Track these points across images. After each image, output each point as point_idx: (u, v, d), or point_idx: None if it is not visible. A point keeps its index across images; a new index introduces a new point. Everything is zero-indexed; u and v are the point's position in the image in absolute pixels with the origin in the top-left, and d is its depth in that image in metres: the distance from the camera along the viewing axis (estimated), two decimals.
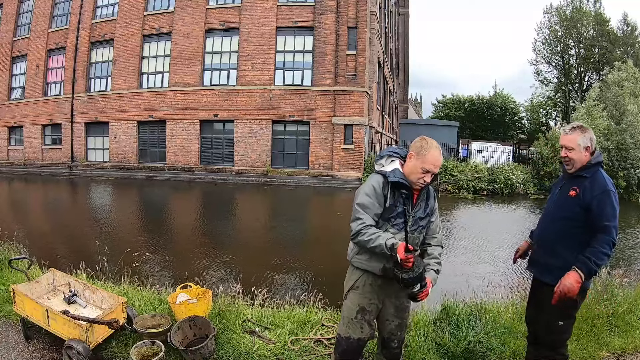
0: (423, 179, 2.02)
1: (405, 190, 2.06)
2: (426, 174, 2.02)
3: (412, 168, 2.05)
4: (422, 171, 2.01)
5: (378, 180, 2.08)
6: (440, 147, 2.08)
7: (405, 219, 2.02)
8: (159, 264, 5.98)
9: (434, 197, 2.23)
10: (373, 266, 2.07)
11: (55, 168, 20.85)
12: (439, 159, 2.04)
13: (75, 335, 2.62)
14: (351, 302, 2.13)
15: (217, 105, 18.54)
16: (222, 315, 3.05)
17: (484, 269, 6.12)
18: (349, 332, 2.12)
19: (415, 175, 2.03)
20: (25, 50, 22.20)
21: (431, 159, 2.01)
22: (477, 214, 12.10)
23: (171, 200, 14.03)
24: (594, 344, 2.94)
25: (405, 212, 2.05)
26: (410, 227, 2.07)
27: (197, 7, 18.80)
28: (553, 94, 38.46)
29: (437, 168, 2.03)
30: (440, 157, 2.05)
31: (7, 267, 3.84)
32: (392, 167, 2.09)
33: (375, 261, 2.06)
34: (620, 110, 18.30)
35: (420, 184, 2.03)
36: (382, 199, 2.04)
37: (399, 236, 2.02)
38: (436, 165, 2.02)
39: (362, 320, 2.11)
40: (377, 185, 2.06)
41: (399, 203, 2.06)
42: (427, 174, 2.02)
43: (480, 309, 3.13)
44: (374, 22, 18.34)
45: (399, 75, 37.01)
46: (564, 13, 34.63)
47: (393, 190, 2.05)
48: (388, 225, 2.05)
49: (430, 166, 2.00)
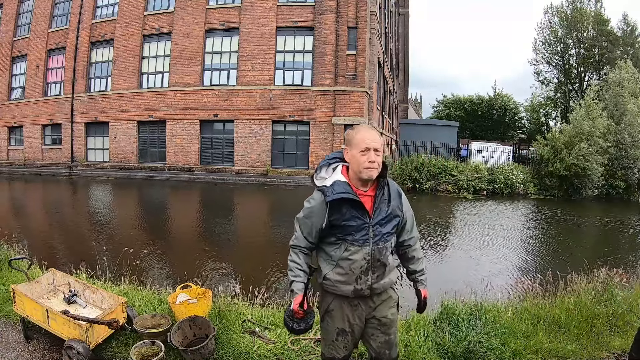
0: (369, 162, 1.77)
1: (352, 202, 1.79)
2: (367, 153, 1.77)
3: (352, 160, 1.83)
4: (361, 154, 1.78)
5: (316, 198, 1.85)
6: (374, 127, 1.91)
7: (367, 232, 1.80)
8: (159, 264, 5.98)
9: (397, 193, 1.93)
10: (343, 290, 1.88)
11: (55, 168, 20.85)
12: (370, 134, 1.82)
13: (75, 335, 2.62)
14: (329, 326, 1.97)
15: (217, 105, 18.55)
16: (222, 315, 3.05)
17: (484, 269, 6.12)
18: (332, 353, 2.00)
19: (360, 165, 1.80)
20: (25, 50, 22.21)
21: (362, 137, 1.80)
22: (477, 213, 12.09)
23: (171, 201, 14.03)
24: (594, 344, 2.94)
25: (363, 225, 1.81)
26: (372, 238, 1.83)
27: (197, 7, 18.80)
28: (553, 94, 38.48)
29: (375, 142, 1.79)
30: (372, 132, 1.83)
31: (7, 267, 3.84)
32: (333, 179, 1.84)
33: (344, 284, 1.87)
34: (620, 110, 18.31)
35: (369, 170, 1.78)
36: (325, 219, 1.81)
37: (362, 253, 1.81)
38: (371, 140, 1.79)
39: (343, 341, 1.96)
40: (316, 205, 1.84)
41: (351, 215, 1.81)
42: (369, 152, 1.77)
43: (480, 309, 3.12)
44: (374, 22, 18.33)
45: (399, 75, 37.00)
46: (564, 13, 34.66)
47: (339, 207, 1.80)
48: (347, 244, 1.82)
49: (364, 143, 1.78)
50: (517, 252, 7.47)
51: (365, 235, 1.82)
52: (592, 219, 12.19)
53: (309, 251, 1.93)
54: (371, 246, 1.82)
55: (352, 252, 1.82)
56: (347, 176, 1.85)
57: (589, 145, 16.40)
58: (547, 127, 36.44)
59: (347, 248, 1.83)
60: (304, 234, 1.88)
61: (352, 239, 1.82)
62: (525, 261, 6.92)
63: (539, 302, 3.40)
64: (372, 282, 1.85)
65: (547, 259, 7.01)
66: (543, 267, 6.25)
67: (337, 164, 1.92)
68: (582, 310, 3.20)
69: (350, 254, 1.83)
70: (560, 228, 10.27)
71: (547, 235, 9.28)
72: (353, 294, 1.87)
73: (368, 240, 1.82)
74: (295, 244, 1.91)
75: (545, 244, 8.37)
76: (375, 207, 1.84)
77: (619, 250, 7.66)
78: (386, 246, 1.87)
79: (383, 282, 1.89)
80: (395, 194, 1.92)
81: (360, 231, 1.81)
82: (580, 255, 6.67)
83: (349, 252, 1.82)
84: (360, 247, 1.81)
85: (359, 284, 1.84)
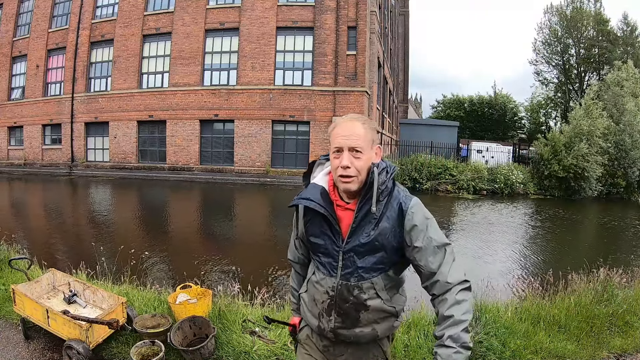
0: (341, 168, 1.28)
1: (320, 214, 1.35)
2: (339, 156, 1.29)
3: (331, 162, 1.34)
4: (334, 156, 1.31)
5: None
6: (360, 117, 1.34)
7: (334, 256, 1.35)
8: (159, 264, 5.98)
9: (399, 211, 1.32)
10: (310, 321, 1.47)
11: (55, 168, 20.85)
12: (345, 127, 1.30)
13: (75, 335, 2.62)
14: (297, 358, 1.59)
15: (217, 105, 18.54)
16: (222, 315, 3.05)
17: (483, 269, 6.12)
18: None
19: (333, 171, 1.33)
20: (25, 50, 22.21)
21: (335, 132, 1.32)
22: (477, 213, 12.09)
23: (171, 201, 14.03)
24: (594, 344, 2.94)
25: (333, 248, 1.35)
26: (341, 269, 1.34)
27: (197, 7, 18.80)
28: (553, 94, 38.48)
29: (351, 139, 1.28)
30: (350, 125, 1.30)
31: (7, 267, 3.84)
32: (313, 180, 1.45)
33: (310, 314, 1.46)
34: (619, 110, 18.31)
35: (342, 180, 1.29)
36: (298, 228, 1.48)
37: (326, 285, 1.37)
38: (345, 136, 1.29)
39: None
40: (295, 215, 1.50)
41: (320, 231, 1.38)
42: (341, 154, 1.29)
43: (480, 309, 3.12)
44: (374, 22, 18.33)
45: (399, 75, 37.00)
46: (564, 13, 34.66)
47: (313, 216, 1.39)
48: (315, 266, 1.44)
49: (336, 141, 1.30)
50: (517, 252, 7.47)
51: (334, 262, 1.36)
52: (592, 219, 12.19)
53: (302, 266, 1.59)
54: (338, 279, 1.35)
55: (317, 278, 1.41)
56: (331, 181, 1.40)
57: (589, 145, 16.40)
58: (547, 127, 36.47)
59: (315, 271, 1.44)
60: (295, 244, 1.57)
61: (319, 262, 1.41)
62: (525, 261, 6.92)
63: (539, 302, 3.40)
64: (337, 325, 1.37)
65: (546, 258, 7.01)
66: (543, 267, 6.25)
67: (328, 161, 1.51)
68: (582, 310, 3.20)
69: (316, 280, 1.42)
70: (560, 228, 10.27)
71: (547, 235, 9.28)
72: (317, 331, 1.45)
73: (335, 271, 1.36)
74: (288, 257, 1.63)
75: (545, 244, 8.37)
76: (352, 226, 1.32)
77: (619, 250, 7.66)
78: (361, 286, 1.33)
79: (357, 332, 1.37)
80: (395, 210, 1.32)
81: (329, 256, 1.37)
82: (580, 255, 6.67)
83: (315, 276, 1.43)
84: (325, 276, 1.38)
85: (322, 322, 1.41)
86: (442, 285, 1.27)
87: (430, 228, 1.31)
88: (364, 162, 1.30)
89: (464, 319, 1.22)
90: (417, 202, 1.35)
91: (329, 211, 1.34)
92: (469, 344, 1.22)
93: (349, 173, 1.28)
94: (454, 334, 1.20)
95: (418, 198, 1.37)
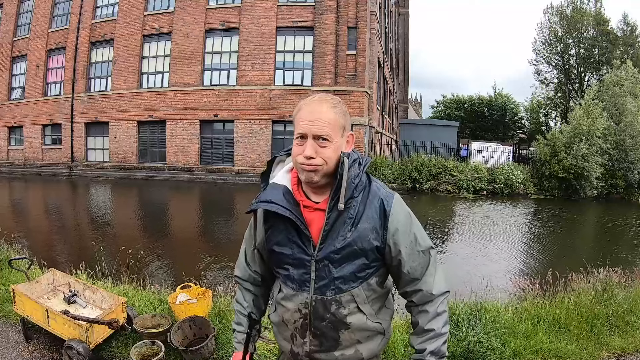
0: (302, 158, 1.08)
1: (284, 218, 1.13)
2: (302, 143, 1.09)
3: (293, 150, 1.15)
4: (296, 143, 1.11)
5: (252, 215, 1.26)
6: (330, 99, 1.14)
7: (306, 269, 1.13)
8: (159, 264, 5.99)
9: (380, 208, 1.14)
10: (282, 345, 1.27)
11: (55, 168, 20.85)
12: (310, 109, 1.10)
13: (75, 335, 2.61)
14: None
15: (217, 105, 18.54)
16: (222, 315, 3.05)
17: (484, 269, 6.12)
18: None
19: (294, 160, 1.13)
20: (25, 50, 22.20)
21: (302, 115, 1.11)
22: (477, 213, 12.09)
23: (171, 201, 14.03)
24: (594, 344, 2.94)
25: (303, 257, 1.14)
26: (315, 281, 1.14)
27: (197, 7, 18.80)
28: (553, 94, 38.48)
29: (316, 125, 1.08)
30: (317, 106, 1.10)
31: (7, 267, 3.84)
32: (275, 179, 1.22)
33: (281, 338, 1.27)
34: (619, 110, 18.30)
35: (303, 169, 1.10)
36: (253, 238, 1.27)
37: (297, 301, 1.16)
38: (309, 121, 1.08)
39: None
40: (251, 220, 1.26)
41: (287, 238, 1.16)
42: (304, 142, 1.09)
43: (480, 309, 3.12)
44: (374, 22, 18.33)
45: (399, 75, 37.00)
46: (564, 13, 34.66)
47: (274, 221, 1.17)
48: (281, 282, 1.22)
49: (302, 125, 1.10)
50: (517, 252, 7.47)
51: (305, 274, 1.15)
52: (592, 219, 12.19)
53: (254, 285, 1.31)
54: (311, 294, 1.15)
55: (285, 295, 1.19)
56: (295, 178, 1.20)
57: (589, 145, 16.40)
58: (547, 127, 36.47)
59: (281, 288, 1.21)
60: (247, 258, 1.31)
61: (285, 276, 1.18)
62: (525, 261, 6.92)
63: (539, 302, 3.40)
64: (313, 349, 1.18)
65: (546, 258, 7.01)
66: (543, 266, 6.24)
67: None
68: (582, 310, 3.20)
69: (283, 298, 1.20)
70: (559, 228, 10.27)
71: (547, 235, 9.28)
72: (291, 356, 1.24)
73: (308, 284, 1.15)
74: (235, 274, 1.35)
75: (545, 243, 8.38)
76: (325, 229, 1.12)
77: (619, 250, 7.66)
78: (340, 299, 1.14)
79: (337, 356, 1.17)
80: (376, 209, 1.14)
81: (299, 267, 1.15)
82: (580, 255, 6.67)
83: (282, 293, 1.20)
84: (296, 291, 1.16)
85: (295, 346, 1.21)
86: (424, 296, 1.17)
87: (414, 228, 1.17)
88: (332, 152, 1.10)
89: (444, 332, 1.16)
90: (400, 199, 1.18)
91: (296, 214, 1.12)
92: (447, 353, 1.18)
93: (311, 164, 1.08)
94: (435, 349, 1.14)
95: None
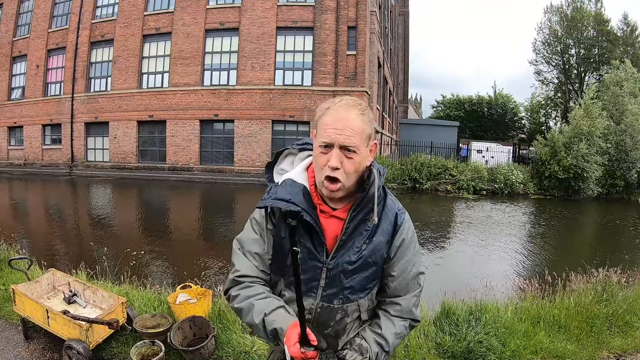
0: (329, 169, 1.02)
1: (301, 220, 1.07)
2: (328, 152, 1.03)
3: (315, 158, 1.08)
4: (320, 152, 1.04)
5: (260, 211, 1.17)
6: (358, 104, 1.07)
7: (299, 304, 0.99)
8: (159, 264, 5.99)
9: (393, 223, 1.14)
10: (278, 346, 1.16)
11: (55, 168, 20.85)
12: (339, 117, 1.03)
13: (75, 335, 2.61)
14: None
15: (217, 105, 18.54)
16: (222, 315, 3.05)
17: (484, 269, 6.12)
18: None
19: (317, 170, 1.07)
20: (25, 50, 22.21)
21: (328, 122, 1.04)
22: (477, 213, 12.09)
23: (171, 201, 14.03)
24: (594, 344, 2.94)
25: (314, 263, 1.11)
26: (323, 289, 1.12)
27: (197, 7, 18.80)
28: (553, 94, 38.48)
29: (345, 134, 1.02)
30: (349, 114, 1.03)
31: (7, 267, 3.84)
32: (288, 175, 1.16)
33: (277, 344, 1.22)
34: (619, 110, 18.29)
35: (330, 188, 1.05)
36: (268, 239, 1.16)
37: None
38: (338, 129, 1.02)
39: None
40: (259, 217, 1.17)
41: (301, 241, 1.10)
42: (329, 151, 1.03)
43: (480, 309, 3.12)
44: (374, 22, 18.33)
45: (399, 75, 37.01)
46: (565, 13, 34.65)
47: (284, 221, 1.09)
48: (282, 285, 1.16)
49: (325, 133, 1.03)
50: (517, 252, 7.47)
51: (313, 280, 1.11)
52: (592, 219, 12.19)
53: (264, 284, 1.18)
54: (318, 300, 1.12)
55: (287, 299, 1.14)
56: (312, 179, 1.13)
57: (589, 145, 16.40)
58: (547, 127, 36.48)
59: (282, 292, 1.16)
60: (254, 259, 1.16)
61: (289, 279, 1.13)
62: (525, 261, 6.92)
63: (539, 302, 3.40)
64: None
65: (546, 258, 7.01)
66: (543, 266, 6.24)
67: (310, 155, 1.18)
68: (582, 310, 3.21)
69: (285, 302, 1.14)
70: (559, 228, 10.27)
71: (547, 235, 9.28)
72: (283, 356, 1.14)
73: (315, 290, 1.11)
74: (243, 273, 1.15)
75: (545, 243, 8.37)
76: (342, 238, 1.10)
77: (619, 250, 7.65)
78: (346, 309, 1.13)
79: None
80: (390, 222, 1.14)
81: (306, 272, 1.10)
82: (580, 254, 6.67)
83: (284, 297, 1.15)
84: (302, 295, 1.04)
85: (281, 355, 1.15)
86: (401, 311, 1.19)
87: (415, 247, 1.20)
88: (356, 165, 1.04)
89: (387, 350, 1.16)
90: (409, 217, 1.21)
91: (314, 218, 1.07)
92: None
93: (336, 175, 1.02)
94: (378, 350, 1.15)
95: None
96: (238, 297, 1.13)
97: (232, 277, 1.16)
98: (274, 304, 1.09)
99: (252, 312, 1.09)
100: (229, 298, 1.17)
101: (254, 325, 1.09)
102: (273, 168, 1.23)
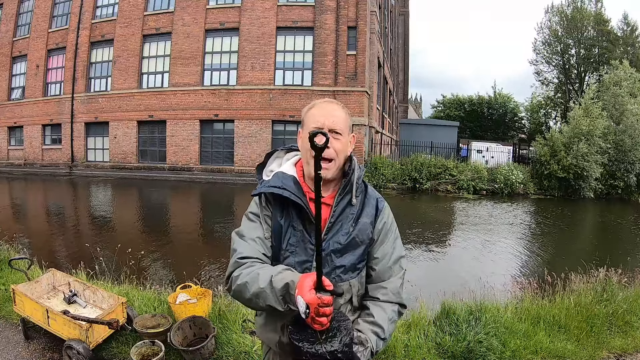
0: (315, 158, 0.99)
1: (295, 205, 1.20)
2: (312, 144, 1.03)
3: (302, 150, 1.25)
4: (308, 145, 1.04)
5: (255, 200, 1.27)
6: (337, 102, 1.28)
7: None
8: (159, 264, 5.98)
9: (374, 206, 1.27)
10: (269, 338, 1.25)
11: (55, 168, 20.84)
12: (324, 108, 1.22)
13: (75, 335, 2.62)
14: None
15: (217, 105, 18.55)
16: (222, 315, 3.05)
17: (484, 269, 6.12)
18: None
19: (305, 155, 1.22)
20: (25, 50, 22.21)
21: (316, 112, 1.22)
22: (477, 213, 12.09)
23: (171, 201, 14.02)
24: (594, 344, 2.94)
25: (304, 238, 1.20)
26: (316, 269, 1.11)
27: (197, 7, 18.80)
28: (553, 94, 38.48)
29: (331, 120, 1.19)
30: (332, 106, 1.23)
31: (7, 267, 3.84)
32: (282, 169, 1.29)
33: (268, 330, 1.25)
34: (619, 110, 18.29)
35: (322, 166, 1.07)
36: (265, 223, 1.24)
37: None
38: (324, 116, 1.20)
39: None
40: (256, 208, 1.26)
41: (294, 226, 1.20)
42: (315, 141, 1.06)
43: (480, 309, 3.12)
44: (374, 22, 18.34)
45: (399, 75, 37.00)
46: (565, 13, 34.64)
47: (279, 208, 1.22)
48: None
49: (317, 119, 1.20)
50: (517, 252, 7.47)
51: (307, 261, 1.19)
52: (592, 219, 12.19)
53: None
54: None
55: None
56: (300, 172, 1.28)
57: (589, 145, 16.40)
58: (547, 127, 36.44)
59: None
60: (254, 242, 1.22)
61: (289, 260, 1.21)
62: (525, 261, 6.92)
63: (539, 302, 3.40)
64: None
65: (546, 258, 7.01)
66: (543, 266, 6.25)
67: (296, 154, 1.34)
68: (582, 310, 3.21)
69: None
70: (559, 228, 10.27)
71: (547, 235, 9.28)
72: (278, 348, 1.22)
73: (308, 271, 1.18)
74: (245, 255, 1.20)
75: (545, 243, 8.37)
76: (330, 221, 1.20)
77: (619, 250, 7.65)
78: (342, 287, 1.20)
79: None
80: (373, 206, 1.27)
81: (300, 254, 1.20)
82: (580, 254, 6.67)
83: None
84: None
85: (284, 336, 1.18)
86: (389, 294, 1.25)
87: (395, 232, 1.31)
88: (343, 146, 1.22)
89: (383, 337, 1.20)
90: (387, 204, 1.34)
91: (304, 202, 1.19)
92: None
93: (328, 154, 1.16)
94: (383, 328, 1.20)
95: None
96: (240, 275, 1.15)
97: (233, 260, 1.20)
98: (281, 267, 1.14)
99: (258, 280, 1.10)
100: (231, 281, 1.17)
101: (260, 291, 1.08)
102: (262, 170, 1.35)
